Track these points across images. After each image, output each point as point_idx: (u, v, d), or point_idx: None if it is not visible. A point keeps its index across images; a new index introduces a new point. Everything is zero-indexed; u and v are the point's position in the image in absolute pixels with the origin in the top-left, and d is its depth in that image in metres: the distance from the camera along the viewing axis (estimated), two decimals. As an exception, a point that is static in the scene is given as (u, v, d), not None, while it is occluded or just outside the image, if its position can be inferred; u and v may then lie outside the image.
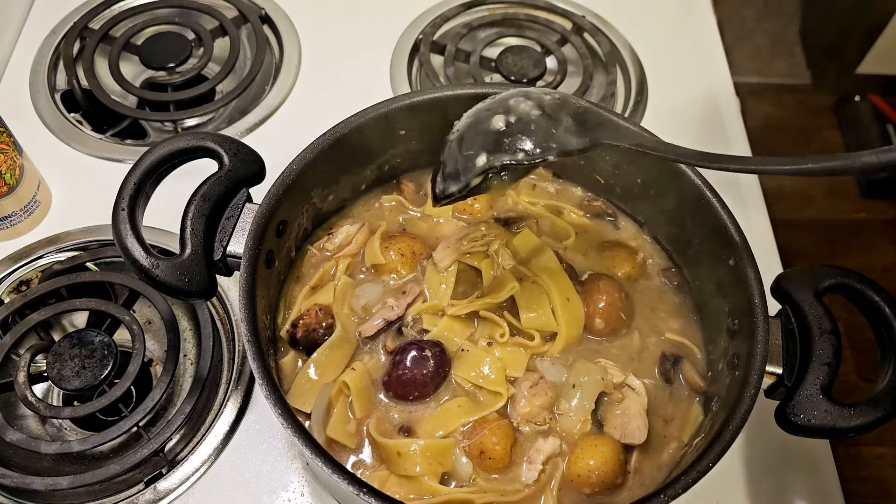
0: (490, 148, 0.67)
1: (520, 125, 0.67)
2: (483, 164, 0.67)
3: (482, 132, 0.68)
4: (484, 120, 0.69)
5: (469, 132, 0.69)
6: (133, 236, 0.72)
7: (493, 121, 0.68)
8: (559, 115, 0.68)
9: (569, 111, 0.69)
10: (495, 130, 0.68)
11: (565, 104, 0.69)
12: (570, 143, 0.67)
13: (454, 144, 0.70)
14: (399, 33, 1.36)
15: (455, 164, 0.69)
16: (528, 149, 0.66)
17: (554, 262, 0.87)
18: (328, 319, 0.84)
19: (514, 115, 0.68)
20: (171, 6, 1.37)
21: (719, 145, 1.26)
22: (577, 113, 0.69)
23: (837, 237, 2.51)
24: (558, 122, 0.68)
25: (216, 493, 0.90)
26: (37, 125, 1.21)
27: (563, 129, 0.67)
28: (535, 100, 0.69)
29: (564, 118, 0.68)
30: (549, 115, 0.68)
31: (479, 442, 0.76)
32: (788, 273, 0.78)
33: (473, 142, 0.68)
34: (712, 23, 1.46)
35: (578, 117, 0.69)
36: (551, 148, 0.66)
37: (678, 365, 0.84)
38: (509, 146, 0.67)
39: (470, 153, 0.68)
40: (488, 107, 0.70)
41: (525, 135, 0.67)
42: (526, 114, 0.68)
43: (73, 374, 0.89)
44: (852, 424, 0.69)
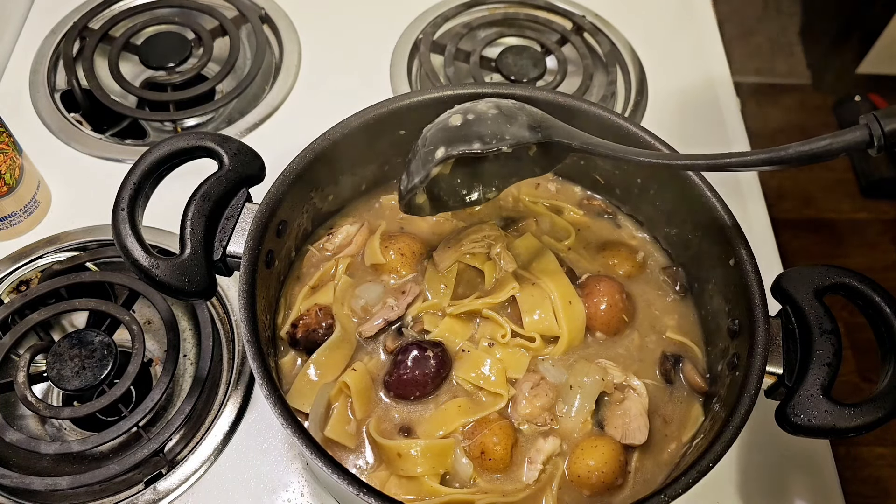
0: (448, 141, 0.72)
1: (476, 121, 0.73)
2: (441, 155, 0.72)
3: (442, 129, 0.74)
4: (443, 121, 0.74)
5: (431, 132, 0.75)
6: (133, 236, 0.72)
7: (451, 119, 0.74)
8: (515, 114, 0.73)
9: (525, 113, 0.74)
10: (453, 126, 0.73)
11: (523, 109, 0.75)
12: (524, 136, 0.72)
13: (418, 146, 0.75)
14: (399, 33, 1.36)
15: (418, 161, 0.74)
16: (482, 137, 0.71)
17: (555, 264, 0.87)
18: (328, 319, 0.84)
19: (472, 114, 0.73)
20: (171, 6, 1.36)
21: (719, 145, 1.26)
22: (533, 116, 0.74)
23: (837, 237, 2.51)
24: (513, 119, 0.73)
25: (216, 493, 0.90)
26: (37, 125, 1.21)
27: (517, 125, 0.72)
28: (493, 102, 0.75)
29: (520, 117, 0.73)
30: (505, 114, 0.73)
31: (480, 442, 0.76)
32: (788, 273, 0.78)
33: (433, 139, 0.74)
34: (712, 23, 1.45)
35: (534, 119, 0.74)
36: (505, 139, 0.71)
37: (679, 365, 0.84)
38: (465, 137, 0.72)
39: (430, 149, 0.73)
40: (450, 112, 0.76)
41: (480, 128, 0.72)
42: (483, 112, 0.73)
43: (73, 375, 0.89)
44: (852, 424, 0.69)
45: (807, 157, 0.66)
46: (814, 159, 0.68)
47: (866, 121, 0.63)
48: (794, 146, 0.65)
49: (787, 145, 0.66)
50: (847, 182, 2.64)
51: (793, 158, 0.66)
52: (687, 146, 0.85)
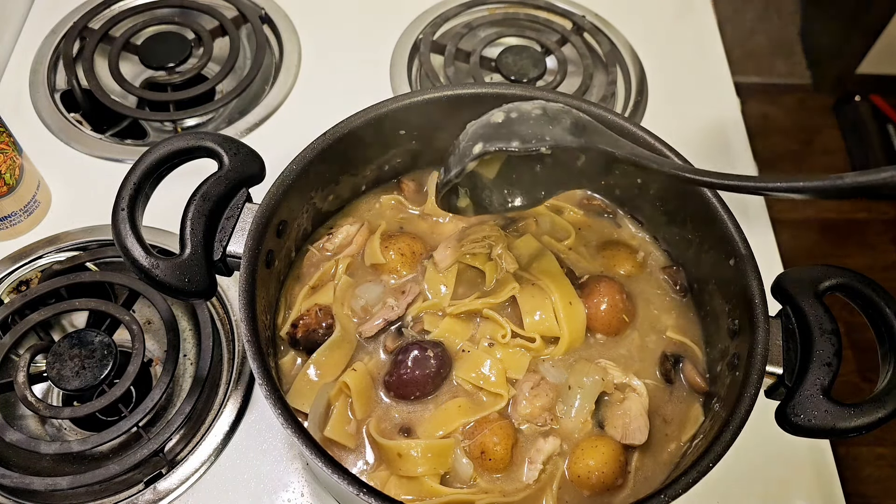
0: (487, 137, 0.70)
1: (518, 120, 0.70)
2: (479, 150, 0.70)
3: (483, 126, 0.72)
4: (486, 118, 0.72)
5: (473, 128, 0.73)
6: (133, 236, 0.72)
7: (494, 116, 0.71)
8: (559, 116, 0.71)
9: (571, 117, 0.71)
10: (495, 123, 0.71)
11: (569, 113, 0.72)
12: (565, 139, 0.69)
13: (459, 140, 0.73)
14: (399, 33, 1.36)
15: (456, 156, 0.73)
16: (522, 137, 0.69)
17: (555, 265, 0.87)
18: (328, 319, 0.84)
19: (515, 112, 0.71)
20: (170, 6, 1.36)
21: (719, 145, 1.27)
22: (578, 119, 0.72)
23: (837, 237, 2.51)
24: (556, 121, 0.70)
25: (216, 493, 0.90)
26: (37, 125, 1.21)
27: (560, 128, 0.70)
28: (541, 104, 0.72)
29: (564, 120, 0.71)
30: (549, 116, 0.71)
31: (480, 442, 0.76)
32: (788, 273, 0.78)
33: (474, 134, 0.72)
34: (712, 23, 1.46)
35: (578, 123, 0.71)
36: (545, 140, 0.69)
37: (679, 365, 0.84)
38: (505, 135, 0.70)
39: (469, 143, 0.72)
40: (495, 110, 0.73)
41: (521, 127, 0.70)
42: (527, 112, 0.71)
43: (73, 375, 0.89)
44: (853, 424, 0.69)
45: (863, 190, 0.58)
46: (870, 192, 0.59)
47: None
48: (851, 176, 0.57)
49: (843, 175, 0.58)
50: (847, 182, 2.63)
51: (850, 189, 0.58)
52: (687, 146, 0.86)
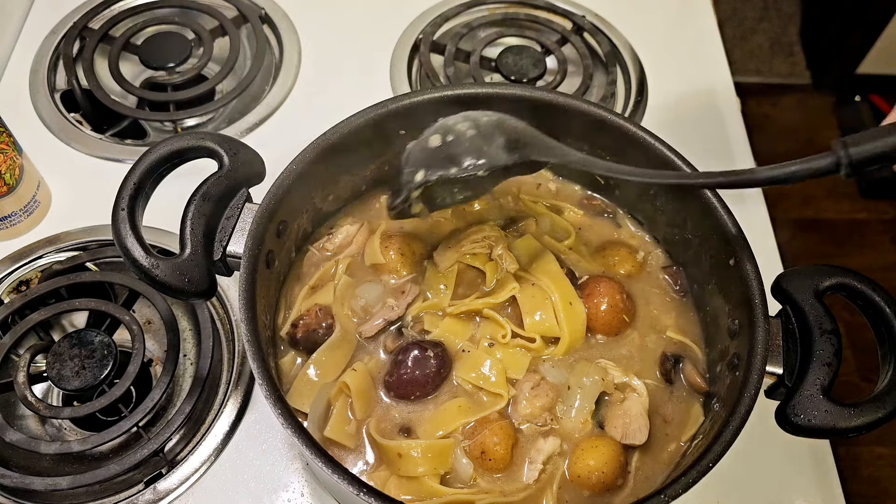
0: (427, 164, 0.74)
1: (454, 143, 0.74)
2: (420, 179, 0.74)
3: (421, 150, 0.75)
4: (423, 141, 0.76)
5: (412, 152, 0.76)
6: (133, 236, 0.72)
7: (431, 139, 0.75)
8: (493, 134, 0.74)
9: (503, 131, 0.74)
10: (432, 148, 0.74)
11: (501, 125, 0.75)
12: (501, 157, 0.73)
13: (401, 165, 0.77)
14: (399, 33, 1.36)
15: (399, 181, 0.76)
16: (459, 162, 0.72)
17: (555, 265, 0.87)
18: (328, 319, 0.84)
19: (450, 135, 0.74)
20: (171, 6, 1.37)
21: (719, 145, 1.27)
22: (511, 133, 0.75)
23: (837, 237, 2.52)
24: (490, 140, 0.73)
25: (216, 493, 0.90)
26: (37, 125, 1.21)
27: (494, 147, 0.73)
28: (473, 120, 0.75)
29: (497, 137, 0.73)
30: (483, 135, 0.73)
31: (480, 442, 0.76)
32: (788, 273, 0.78)
33: (413, 160, 0.75)
34: (712, 23, 1.46)
35: (512, 137, 0.74)
36: (481, 163, 0.72)
37: (679, 365, 0.84)
38: (443, 162, 0.73)
39: (410, 170, 0.75)
40: (432, 130, 0.77)
41: (458, 151, 0.73)
42: (461, 133, 0.74)
43: (73, 375, 0.89)
44: (853, 424, 0.69)
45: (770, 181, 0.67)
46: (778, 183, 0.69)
47: (835, 148, 0.64)
48: (763, 170, 0.66)
49: (754, 169, 0.67)
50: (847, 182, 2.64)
51: (759, 182, 0.67)
52: (687, 146, 0.86)
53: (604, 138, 0.88)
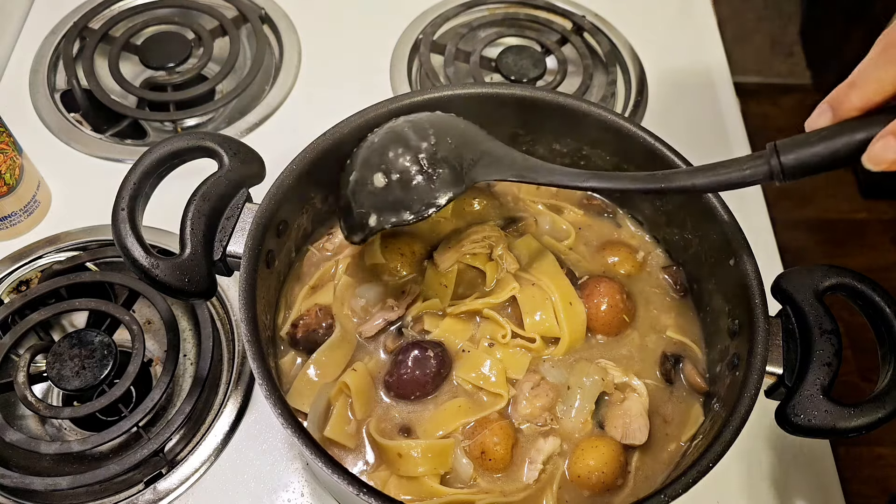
0: (378, 208, 0.74)
1: (400, 184, 0.74)
2: (375, 225, 0.75)
3: (368, 191, 0.75)
4: (368, 176, 0.75)
5: (358, 188, 0.76)
6: (133, 236, 0.72)
7: (374, 178, 0.75)
8: (436, 164, 0.74)
9: (444, 154, 0.74)
10: (378, 188, 0.75)
11: (440, 145, 0.75)
12: (448, 194, 0.74)
13: (349, 197, 0.77)
14: (399, 33, 1.36)
15: (352, 219, 0.76)
16: (410, 207, 0.73)
17: (555, 265, 0.87)
18: (328, 319, 0.84)
19: (394, 172, 0.74)
20: (171, 6, 1.36)
21: (719, 145, 1.26)
22: (452, 154, 0.75)
23: (838, 237, 2.51)
24: (436, 175, 0.74)
25: (216, 493, 0.90)
26: (37, 125, 1.21)
27: (440, 182, 0.74)
28: (414, 149, 0.75)
29: (441, 168, 0.74)
30: (427, 171, 0.74)
31: (480, 442, 0.76)
32: (789, 273, 0.78)
33: (363, 200, 0.75)
34: (712, 23, 1.45)
35: (454, 160, 0.74)
36: (433, 204, 0.73)
37: (679, 365, 0.84)
38: (393, 207, 0.74)
39: (362, 211, 0.75)
40: (369, 157, 0.76)
41: (405, 195, 0.74)
42: (405, 170, 0.74)
43: (73, 374, 0.89)
44: (853, 424, 0.69)
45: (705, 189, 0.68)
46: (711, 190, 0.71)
47: (768, 152, 0.63)
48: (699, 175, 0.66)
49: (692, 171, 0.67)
50: (847, 182, 2.64)
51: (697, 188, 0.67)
52: (686, 146, 0.86)
53: (604, 138, 0.88)
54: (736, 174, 0.65)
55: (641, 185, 0.70)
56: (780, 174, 0.62)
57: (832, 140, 0.59)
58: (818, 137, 0.60)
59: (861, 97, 0.58)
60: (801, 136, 0.62)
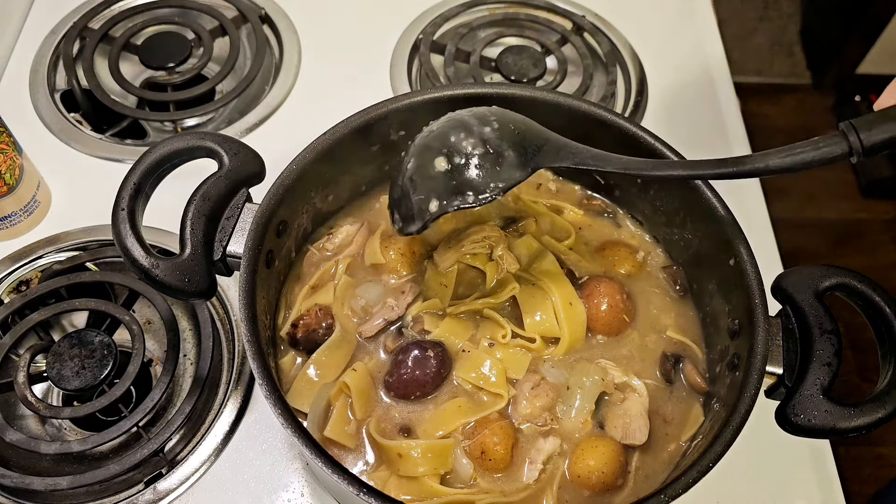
0: (440, 192, 0.70)
1: (464, 167, 0.70)
2: (436, 210, 0.70)
3: (429, 176, 0.71)
4: (428, 162, 0.71)
5: (417, 174, 0.72)
6: (133, 236, 0.72)
7: (436, 162, 0.71)
8: (501, 148, 0.71)
9: (509, 140, 0.71)
10: (440, 173, 0.71)
11: (503, 131, 0.72)
12: (514, 177, 0.70)
13: (406, 185, 0.72)
14: (399, 33, 1.36)
15: (409, 208, 0.72)
16: (475, 188, 0.70)
17: (555, 266, 0.87)
18: (328, 319, 0.84)
19: (457, 156, 0.70)
20: (171, 6, 1.37)
21: (719, 145, 1.27)
22: (516, 140, 0.72)
23: (838, 237, 2.52)
24: (501, 158, 0.70)
25: (216, 493, 0.90)
26: (37, 125, 1.21)
27: (506, 165, 0.70)
28: (477, 135, 0.71)
29: (506, 151, 0.71)
30: (491, 152, 0.70)
31: (480, 442, 0.76)
32: (789, 273, 0.78)
33: (423, 186, 0.71)
34: (712, 23, 1.46)
35: (518, 145, 0.71)
36: (498, 187, 0.70)
37: (679, 365, 0.84)
38: (457, 189, 0.70)
39: (421, 198, 0.71)
40: (429, 143, 0.72)
41: (470, 177, 0.70)
42: (469, 153, 0.70)
43: (73, 374, 0.89)
44: (853, 425, 0.68)
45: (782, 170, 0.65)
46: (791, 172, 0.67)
47: (844, 130, 0.62)
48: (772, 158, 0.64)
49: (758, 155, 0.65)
50: (847, 182, 2.64)
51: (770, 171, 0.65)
52: (687, 146, 0.86)
53: (604, 138, 0.88)
54: (812, 153, 0.63)
55: (714, 170, 0.68)
56: (861, 150, 0.61)
57: None
58: (893, 114, 0.61)
59: None
60: (876, 115, 0.62)
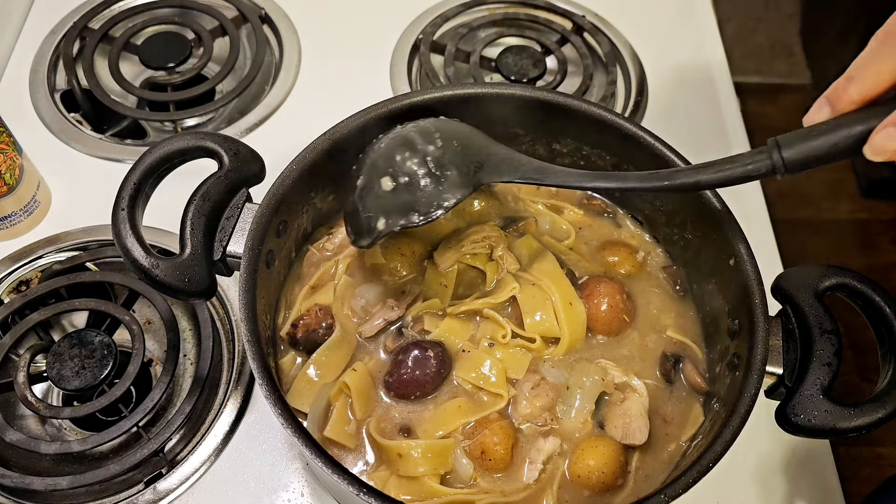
0: (386, 211, 0.74)
1: (409, 187, 0.74)
2: (384, 228, 0.74)
3: (376, 195, 0.75)
4: (375, 181, 0.75)
5: (366, 192, 0.76)
6: (133, 236, 0.72)
7: (382, 182, 0.75)
8: (443, 167, 0.74)
9: (451, 158, 0.75)
10: (386, 192, 0.75)
11: (446, 148, 0.75)
12: (455, 196, 0.74)
13: (356, 202, 0.76)
14: (399, 33, 1.36)
15: (359, 224, 0.76)
16: (419, 208, 0.74)
17: (555, 266, 0.87)
18: (328, 319, 0.84)
19: (402, 176, 0.75)
20: (171, 6, 1.36)
21: (719, 145, 1.27)
22: (458, 158, 0.75)
23: (838, 237, 2.51)
24: (443, 178, 0.74)
25: (216, 493, 0.90)
26: (37, 125, 1.21)
27: (448, 184, 0.74)
28: (420, 153, 0.75)
29: (448, 170, 0.74)
30: (434, 172, 0.74)
31: (480, 442, 0.76)
32: (788, 273, 0.78)
33: (371, 204, 0.75)
34: (712, 23, 1.45)
35: (460, 163, 0.75)
36: (441, 206, 0.74)
37: (679, 365, 0.84)
38: (403, 209, 0.74)
39: (369, 215, 0.75)
40: (376, 161, 0.76)
41: (414, 197, 0.74)
42: (413, 172, 0.75)
43: (73, 374, 0.89)
44: (853, 425, 0.69)
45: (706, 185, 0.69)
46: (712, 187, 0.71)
47: (769, 149, 0.64)
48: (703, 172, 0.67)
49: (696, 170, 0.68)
50: (847, 182, 2.63)
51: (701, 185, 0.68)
52: (687, 146, 0.86)
53: (604, 138, 0.88)
54: (739, 169, 0.65)
55: (646, 183, 0.71)
56: (783, 168, 0.63)
57: (832, 133, 0.61)
58: (818, 132, 0.62)
59: (859, 90, 0.59)
60: (802, 131, 0.63)
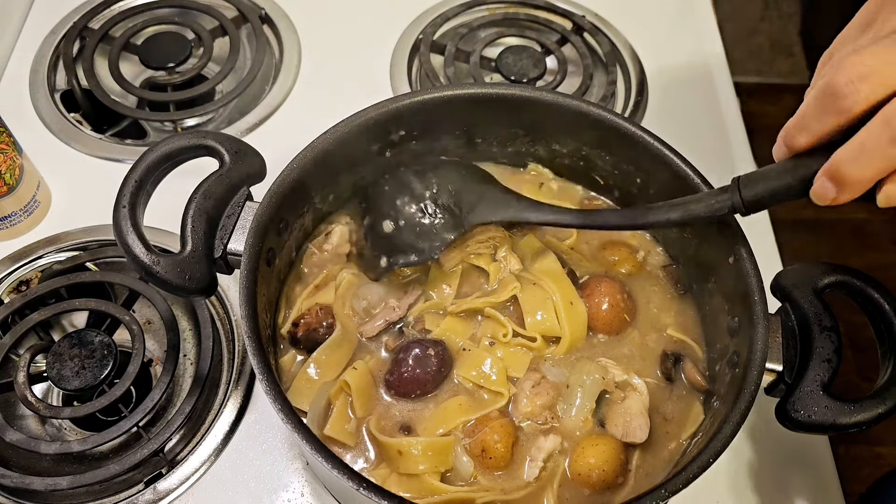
0: (388, 251, 0.83)
1: (407, 230, 0.83)
2: (385, 266, 0.83)
3: (379, 235, 0.84)
4: (378, 223, 0.84)
5: (371, 232, 0.85)
6: (134, 233, 0.72)
7: (384, 224, 0.84)
8: (437, 213, 0.83)
9: (444, 204, 0.83)
10: (388, 233, 0.83)
11: (441, 195, 0.84)
12: (448, 238, 0.82)
13: (364, 238, 0.86)
14: (399, 33, 1.36)
15: (367, 260, 0.86)
16: (417, 251, 0.82)
17: (556, 265, 0.87)
18: (329, 319, 0.84)
19: (401, 219, 0.83)
20: (171, 6, 1.37)
21: (719, 145, 1.27)
22: (451, 203, 0.83)
23: (837, 237, 2.51)
24: (437, 223, 0.83)
25: (216, 493, 0.90)
26: (37, 125, 1.21)
27: (441, 228, 0.82)
28: (418, 198, 0.83)
29: (441, 216, 0.83)
30: (429, 216, 0.83)
31: (481, 440, 0.76)
32: (788, 270, 0.78)
33: (375, 243, 0.84)
34: (712, 23, 1.46)
35: (453, 208, 0.83)
36: (434, 247, 0.82)
37: (679, 363, 0.84)
38: (402, 249, 0.82)
39: (375, 254, 0.84)
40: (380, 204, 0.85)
41: (410, 239, 0.82)
42: (410, 217, 0.83)
43: (73, 374, 0.89)
44: (853, 420, 0.69)
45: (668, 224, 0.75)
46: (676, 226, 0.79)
47: (731, 190, 0.68)
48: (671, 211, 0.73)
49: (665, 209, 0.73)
50: (847, 182, 2.63)
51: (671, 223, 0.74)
52: (687, 146, 0.86)
53: (604, 138, 0.88)
54: (704, 208, 0.71)
55: (624, 221, 0.79)
56: (742, 208, 0.68)
57: (787, 175, 0.64)
58: (776, 172, 0.65)
59: (807, 140, 0.61)
60: (762, 171, 0.66)
